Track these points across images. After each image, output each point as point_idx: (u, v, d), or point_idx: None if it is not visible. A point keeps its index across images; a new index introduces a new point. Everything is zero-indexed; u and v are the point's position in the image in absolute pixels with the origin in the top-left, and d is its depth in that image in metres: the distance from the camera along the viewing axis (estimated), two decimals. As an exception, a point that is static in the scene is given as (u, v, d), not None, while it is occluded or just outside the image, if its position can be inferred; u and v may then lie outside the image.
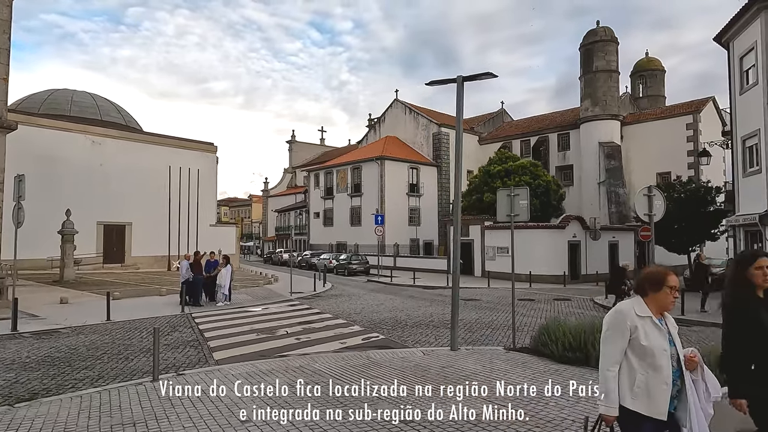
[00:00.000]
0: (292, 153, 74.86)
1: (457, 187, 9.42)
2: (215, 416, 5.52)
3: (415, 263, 34.50)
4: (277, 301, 17.51)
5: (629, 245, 31.92)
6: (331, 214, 48.01)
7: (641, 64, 50.44)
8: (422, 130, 49.16)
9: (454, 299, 9.37)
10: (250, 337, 10.72)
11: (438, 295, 20.05)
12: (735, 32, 18.82)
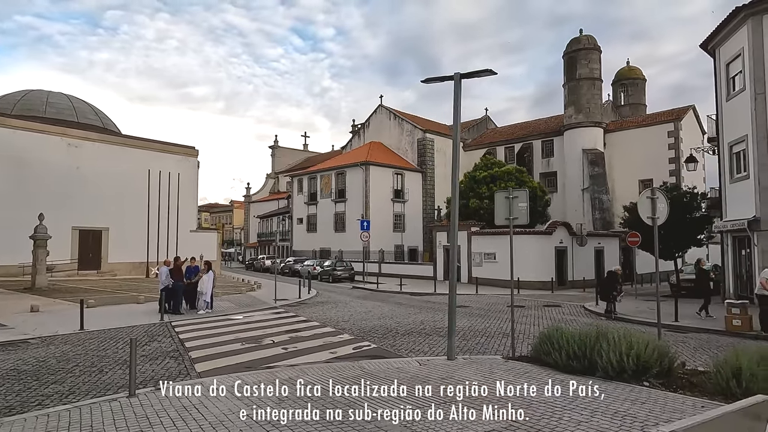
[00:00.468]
0: (275, 158, 73.99)
1: (455, 187, 9.02)
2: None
3: (401, 269, 34.05)
4: (262, 308, 16.89)
5: (614, 251, 31.99)
6: (315, 219, 47.35)
7: (622, 72, 51.11)
8: (407, 136, 48.96)
9: (451, 306, 8.97)
10: (234, 347, 10.14)
11: (426, 302, 19.63)
12: (721, 39, 18.92)
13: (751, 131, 16.98)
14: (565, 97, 42.84)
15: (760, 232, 16.66)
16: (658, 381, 6.83)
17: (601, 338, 7.44)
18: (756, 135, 16.71)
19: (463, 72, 8.58)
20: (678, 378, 7.04)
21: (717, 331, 12.44)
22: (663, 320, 14.16)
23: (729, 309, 12.35)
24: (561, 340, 7.80)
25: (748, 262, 17.89)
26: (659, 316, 9.77)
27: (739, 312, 12.15)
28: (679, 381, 6.92)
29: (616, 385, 6.72)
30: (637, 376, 6.94)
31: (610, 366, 7.00)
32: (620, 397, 6.16)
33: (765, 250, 16.48)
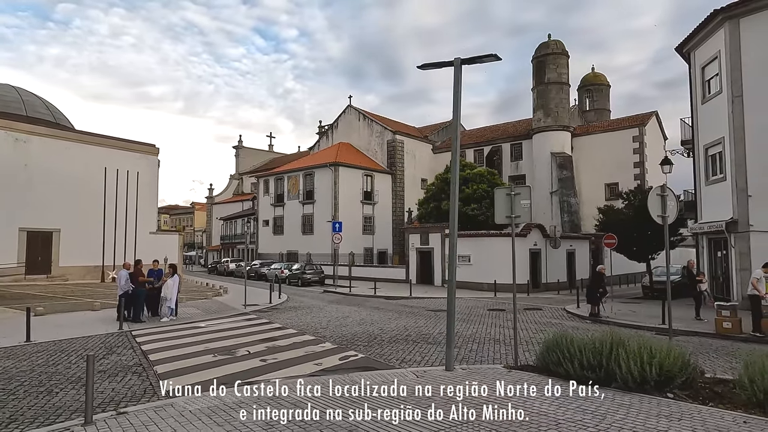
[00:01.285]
0: (239, 159, 71.96)
1: (454, 177, 8.31)
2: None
3: (372, 272, 33.27)
4: (231, 314, 15.75)
5: (585, 253, 32.19)
6: (282, 221, 46.00)
7: (588, 78, 52.03)
8: (376, 137, 48.29)
9: (450, 312, 8.24)
10: (205, 359, 9.10)
11: (404, 306, 18.90)
12: (697, 42, 19.06)
13: (728, 133, 17.06)
14: (534, 100, 43.10)
15: (737, 234, 16.73)
16: (684, 393, 6.28)
17: (618, 346, 6.87)
18: (733, 137, 16.79)
19: (465, 57, 7.90)
20: (701, 388, 6.53)
21: (707, 334, 12.20)
22: (648, 323, 13.95)
23: (719, 311, 12.13)
24: (572, 348, 7.19)
25: (724, 263, 18.01)
26: (670, 321, 9.35)
27: (729, 314, 11.94)
28: (703, 392, 6.40)
29: (639, 398, 6.13)
30: (659, 388, 6.38)
31: (630, 376, 6.42)
32: (652, 413, 5.56)
33: (742, 252, 16.56)
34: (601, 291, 15.29)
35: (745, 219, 16.46)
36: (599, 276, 15.72)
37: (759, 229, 16.18)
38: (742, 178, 16.54)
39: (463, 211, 31.65)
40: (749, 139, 16.41)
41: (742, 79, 16.63)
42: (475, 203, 31.82)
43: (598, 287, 15.25)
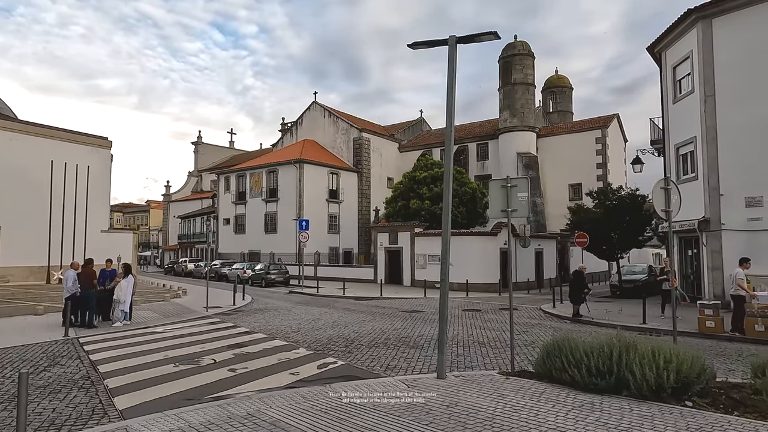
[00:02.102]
0: (198, 155, 69.39)
1: (448, 167, 7.61)
2: None
3: (339, 272, 32.33)
4: (192, 318, 14.56)
5: (552, 252, 32.32)
6: (244, 220, 44.38)
7: (552, 80, 52.69)
8: (342, 135, 47.37)
9: (443, 315, 7.54)
10: (165, 369, 8.06)
11: (375, 307, 18.14)
12: (668, 42, 19.14)
13: (700, 133, 17.14)
14: (500, 101, 43.21)
15: (709, 233, 16.81)
16: (704, 400, 5.78)
17: (629, 350, 6.33)
18: (705, 136, 16.87)
19: (460, 35, 7.21)
20: (717, 394, 6.05)
21: (690, 333, 11.98)
22: (630, 323, 13.70)
23: (702, 310, 11.95)
24: (577, 353, 6.61)
25: (696, 262, 18.11)
26: (675, 323, 8.93)
27: (711, 313, 11.77)
28: (720, 398, 5.92)
29: (658, 408, 5.58)
30: (677, 395, 5.87)
31: (646, 384, 5.88)
32: (680, 426, 5.00)
33: (714, 250, 16.64)
34: (585, 291, 14.99)
35: (717, 218, 16.54)
36: (581, 275, 15.40)
37: (730, 227, 16.28)
38: (714, 177, 16.62)
39: (431, 210, 31.22)
40: (721, 139, 16.50)
41: (714, 78, 16.72)
42: (444, 202, 31.42)
43: (582, 287, 14.93)
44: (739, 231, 16.12)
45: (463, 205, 32.25)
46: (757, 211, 15.75)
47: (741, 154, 16.11)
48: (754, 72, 15.96)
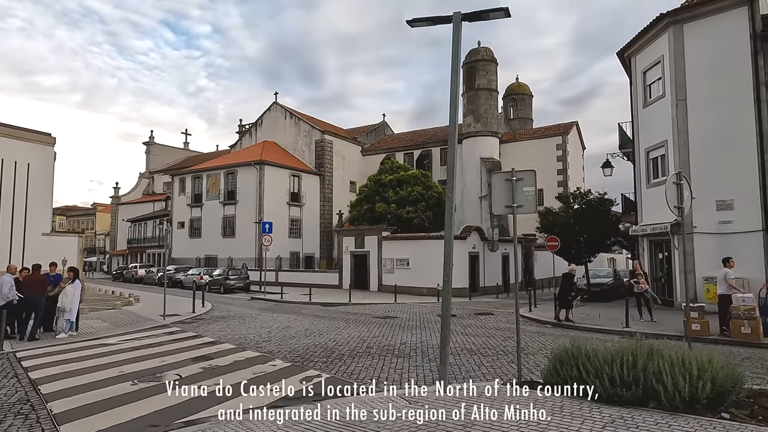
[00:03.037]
0: (151, 156, 66.39)
1: (451, 160, 6.91)
2: None
3: (303, 278, 31.20)
4: (148, 327, 13.23)
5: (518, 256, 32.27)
6: (200, 223, 42.40)
7: (512, 87, 53.38)
8: (304, 137, 46.20)
9: (445, 319, 6.77)
10: (121, 388, 6.93)
11: (346, 313, 17.24)
12: (639, 47, 19.30)
13: (672, 136, 17.26)
14: (464, 106, 43.13)
15: (680, 236, 16.86)
16: (742, 412, 5.28)
17: (655, 357, 5.78)
18: (678, 140, 16.99)
19: (466, 12, 6.54)
20: (748, 404, 5.58)
21: (677, 337, 11.74)
22: (613, 327, 13.42)
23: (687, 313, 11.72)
24: (596, 361, 6.01)
25: (666, 265, 18.20)
26: (688, 327, 8.49)
27: (697, 316, 11.58)
28: (754, 408, 5.44)
29: (695, 422, 5.02)
30: (711, 407, 5.34)
31: (679, 395, 5.33)
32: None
33: (687, 253, 16.70)
34: (573, 294, 14.59)
35: (689, 221, 16.61)
36: (570, 278, 15.01)
37: (702, 230, 16.40)
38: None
39: (397, 214, 30.61)
40: (693, 142, 16.66)
41: (686, 83, 16.88)
42: (411, 206, 30.92)
43: (571, 290, 14.54)
44: (710, 234, 16.27)
45: (430, 209, 31.84)
46: (728, 214, 15.93)
47: (712, 158, 16.28)
48: (724, 77, 16.20)
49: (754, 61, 15.59)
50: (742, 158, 15.73)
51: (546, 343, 10.93)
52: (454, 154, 7.01)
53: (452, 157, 7.01)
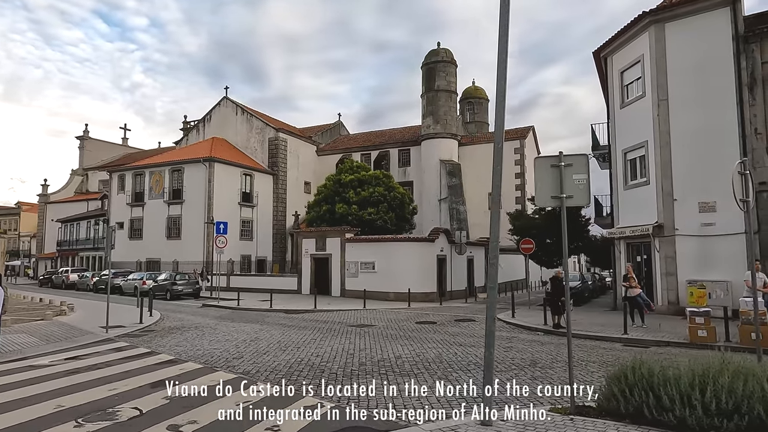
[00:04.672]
0: (85, 152, 61.53)
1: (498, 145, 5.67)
2: None
3: (258, 282, 29.16)
4: (89, 343, 11.15)
5: (482, 260, 31.71)
6: (141, 224, 39.22)
7: (469, 91, 53.33)
8: (257, 134, 43.96)
9: (490, 333, 5.49)
10: (61, 430, 5.19)
11: (316, 322, 15.68)
12: (617, 47, 18.99)
13: (653, 137, 16.96)
14: (423, 107, 42.55)
15: (662, 238, 16.57)
16: None
17: (748, 377, 4.77)
18: (659, 141, 16.68)
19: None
20: None
21: (681, 344, 11.11)
22: (613, 334, 12.67)
23: (692, 318, 11.12)
24: (681, 384, 4.94)
25: (645, 268, 17.86)
26: (758, 335, 7.76)
27: (703, 322, 10.97)
28: None
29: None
30: (836, 440, 4.38)
31: (801, 426, 4.32)
32: None
33: (668, 256, 16.41)
34: (563, 299, 13.65)
35: (671, 223, 16.35)
36: (560, 282, 14.17)
37: (684, 233, 16.12)
38: (668, 182, 16.44)
39: (358, 216, 29.26)
40: (675, 143, 16.40)
41: (667, 83, 16.61)
42: (372, 207, 29.66)
43: (561, 294, 13.66)
44: (692, 236, 16.00)
45: (393, 210, 30.71)
46: (711, 216, 15.70)
47: (694, 159, 16.05)
48: (706, 78, 16.03)
49: (736, 63, 15.48)
50: (725, 160, 15.46)
51: (556, 354, 9.94)
52: (501, 152, 5.75)
53: (499, 155, 5.75)
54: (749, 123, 15.18)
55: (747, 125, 15.21)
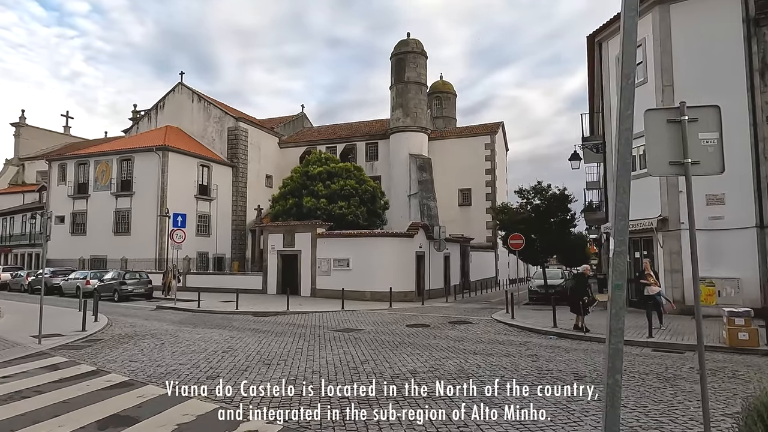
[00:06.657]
0: (21, 140, 56.46)
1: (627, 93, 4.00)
2: None
3: (219, 282, 26.74)
4: (16, 359, 8.80)
5: (457, 257, 30.45)
6: (84, 218, 35.75)
7: (437, 86, 52.22)
8: (215, 123, 41.14)
9: (616, 351, 3.82)
10: None
11: (291, 326, 13.71)
12: (614, 30, 17.91)
13: (656, 125, 15.91)
14: (392, 99, 41.01)
15: (666, 233, 15.58)
16: None
17: None
18: (663, 129, 15.65)
19: None
20: None
21: (719, 348, 9.89)
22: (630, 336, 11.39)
23: (731, 320, 9.94)
24: None
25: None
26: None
27: (744, 323, 9.81)
28: None
29: None
30: None
31: None
32: None
33: (673, 251, 15.43)
34: (586, 298, 12.27)
35: (676, 217, 15.40)
36: (584, 279, 12.76)
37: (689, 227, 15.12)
38: (672, 173, 15.41)
39: (328, 210, 27.33)
40: (680, 132, 15.37)
41: (673, 68, 15.63)
42: (343, 201, 27.79)
43: (584, 293, 12.27)
44: (699, 231, 14.94)
45: (364, 204, 28.94)
46: (719, 209, 14.80)
47: (701, 149, 15.09)
48: (714, 63, 15.12)
49: (747, 47, 14.64)
50: (734, 149, 14.61)
51: (594, 364, 8.46)
52: (632, 88, 4.09)
53: (630, 90, 4.09)
54: (761, 111, 14.36)
55: (758, 113, 14.38)
